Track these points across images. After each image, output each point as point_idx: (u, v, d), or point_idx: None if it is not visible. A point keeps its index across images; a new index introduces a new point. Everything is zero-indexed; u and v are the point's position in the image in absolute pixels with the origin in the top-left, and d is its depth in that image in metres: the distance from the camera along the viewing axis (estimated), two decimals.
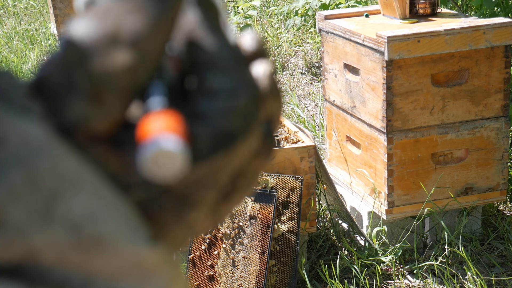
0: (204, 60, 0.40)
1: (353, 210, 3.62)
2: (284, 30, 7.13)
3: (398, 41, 3.15)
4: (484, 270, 3.35)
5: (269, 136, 0.43)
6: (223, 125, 0.39)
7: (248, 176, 0.43)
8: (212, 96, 0.39)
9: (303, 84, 6.01)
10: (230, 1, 7.77)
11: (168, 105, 0.38)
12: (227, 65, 0.40)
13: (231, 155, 0.39)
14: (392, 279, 3.32)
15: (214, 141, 0.39)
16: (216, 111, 0.39)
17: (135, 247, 0.37)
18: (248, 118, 0.40)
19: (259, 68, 0.42)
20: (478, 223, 3.56)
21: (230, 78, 0.39)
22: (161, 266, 0.38)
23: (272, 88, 0.42)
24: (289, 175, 3.09)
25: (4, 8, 9.71)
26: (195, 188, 0.40)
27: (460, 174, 3.39)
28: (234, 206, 0.44)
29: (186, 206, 0.40)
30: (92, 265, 0.37)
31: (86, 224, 0.36)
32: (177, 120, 0.38)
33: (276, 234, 3.05)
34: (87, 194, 0.36)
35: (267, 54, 0.43)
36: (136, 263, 0.37)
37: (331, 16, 3.64)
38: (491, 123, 3.36)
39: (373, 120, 3.33)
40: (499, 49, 3.29)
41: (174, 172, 0.37)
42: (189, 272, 3.00)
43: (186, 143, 0.38)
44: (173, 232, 0.41)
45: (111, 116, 0.37)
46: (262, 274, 2.96)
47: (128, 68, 0.37)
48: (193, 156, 0.39)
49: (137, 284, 0.38)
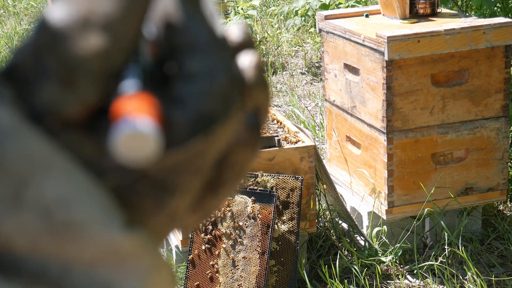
0: (182, 43, 0.39)
1: (353, 210, 3.62)
2: (284, 30, 7.13)
3: (398, 41, 3.15)
4: (484, 270, 3.35)
5: (256, 127, 0.42)
6: (201, 109, 0.38)
7: (236, 168, 0.42)
8: (190, 79, 0.38)
9: (303, 84, 6.01)
10: (230, 1, 7.77)
11: (143, 88, 0.37)
12: (205, 48, 0.39)
13: (210, 139, 0.38)
14: (392, 279, 3.32)
15: (192, 125, 0.38)
16: (194, 95, 0.38)
17: (109, 232, 0.36)
18: (227, 101, 0.39)
19: (245, 59, 0.41)
20: (478, 223, 3.56)
21: (208, 61, 0.38)
22: (139, 254, 0.37)
23: (258, 79, 0.41)
24: (289, 175, 3.09)
25: (4, 8, 9.71)
26: (174, 174, 0.39)
27: (460, 174, 3.39)
28: (222, 200, 0.43)
29: (166, 193, 0.39)
30: (67, 253, 0.36)
31: (58, 208, 0.35)
32: (150, 103, 0.37)
33: (276, 234, 3.05)
34: (58, 178, 0.35)
35: (254, 45, 0.42)
36: (112, 250, 0.36)
37: (331, 16, 3.64)
38: (491, 123, 3.36)
39: (373, 120, 3.33)
40: (499, 49, 3.29)
41: (146, 155, 0.36)
42: (189, 272, 3.00)
43: (159, 125, 0.37)
44: (154, 221, 0.39)
45: (84, 100, 0.36)
46: (262, 274, 2.96)
47: (101, 52, 0.36)
48: (170, 141, 0.38)
49: (115, 272, 0.37)
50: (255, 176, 3.07)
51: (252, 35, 0.43)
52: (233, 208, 3.03)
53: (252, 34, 0.43)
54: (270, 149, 3.13)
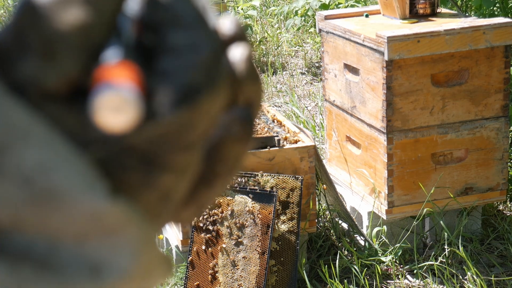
0: (165, 18, 0.39)
1: (353, 210, 3.62)
2: (284, 30, 7.14)
3: (398, 41, 3.15)
4: (484, 270, 3.35)
5: (248, 121, 0.42)
6: (185, 80, 0.38)
7: (228, 162, 0.42)
8: (173, 53, 0.38)
9: (303, 84, 6.01)
10: (230, 1, 7.77)
11: (125, 57, 0.37)
12: (189, 22, 0.39)
13: (195, 111, 0.38)
14: (392, 279, 3.32)
15: (176, 96, 0.38)
16: (177, 67, 0.38)
17: (92, 200, 0.36)
18: (212, 73, 0.38)
19: (236, 51, 0.41)
20: (478, 223, 3.56)
21: (191, 34, 0.38)
22: (126, 225, 0.37)
23: (249, 72, 0.41)
24: (289, 175, 3.09)
25: (4, 8, 9.71)
26: (161, 146, 0.38)
27: (460, 174, 3.39)
28: (217, 194, 0.43)
29: (154, 167, 0.38)
30: (51, 225, 0.35)
31: (38, 176, 0.35)
32: (132, 70, 0.37)
33: (276, 234, 3.05)
34: (39, 146, 0.35)
35: (246, 38, 0.42)
36: (97, 221, 0.36)
37: (331, 16, 3.64)
38: (491, 123, 3.36)
39: (373, 120, 3.34)
40: (499, 49, 3.29)
41: (126, 120, 0.36)
42: (189, 272, 3.00)
43: (140, 91, 0.37)
44: (144, 197, 0.39)
45: (65, 74, 0.36)
46: (262, 274, 2.96)
47: (81, 25, 0.36)
48: (153, 111, 0.37)
49: (103, 247, 0.36)
50: (255, 176, 3.07)
51: (245, 28, 0.42)
52: (233, 208, 3.03)
53: (244, 27, 0.42)
54: (270, 149, 3.13)
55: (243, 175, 3.07)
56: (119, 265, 0.37)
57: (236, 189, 3.04)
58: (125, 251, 0.37)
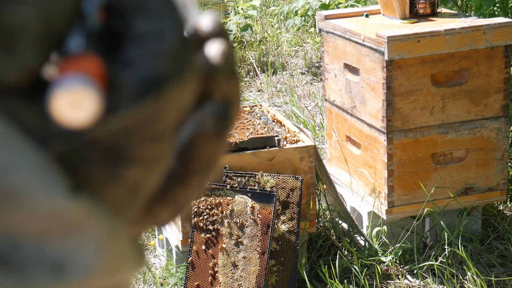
0: (131, 5, 0.38)
1: (353, 210, 3.62)
2: (284, 30, 7.13)
3: (398, 41, 3.15)
4: (484, 270, 3.35)
5: (223, 117, 0.41)
6: (150, 69, 0.37)
7: (203, 159, 0.41)
8: (139, 41, 0.37)
9: (303, 84, 6.01)
10: (230, 1, 7.77)
11: (87, 49, 0.36)
12: (155, 9, 0.38)
13: (161, 102, 0.37)
14: (392, 279, 3.32)
15: (140, 86, 0.36)
16: (143, 56, 0.37)
17: (52, 198, 0.35)
18: (178, 61, 0.37)
19: (211, 46, 0.40)
20: (478, 223, 3.56)
21: (156, 21, 0.37)
22: (89, 222, 0.36)
23: (225, 68, 0.40)
24: (289, 175, 3.09)
25: None
26: (126, 139, 0.37)
27: (460, 174, 3.39)
28: (194, 194, 0.41)
29: (120, 161, 0.37)
30: (12, 224, 0.35)
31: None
32: (93, 63, 0.36)
33: (276, 234, 3.05)
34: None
35: (226, 36, 0.41)
36: (58, 218, 0.35)
37: (331, 16, 3.64)
38: (491, 123, 3.36)
39: (373, 120, 3.33)
40: (499, 49, 3.29)
41: (85, 114, 0.35)
42: (189, 272, 3.00)
43: (100, 84, 0.36)
44: (111, 192, 0.38)
45: (24, 66, 0.35)
46: (262, 274, 2.96)
47: (40, 16, 0.35)
48: (117, 103, 0.36)
49: (66, 244, 0.36)
50: (255, 176, 3.07)
51: (225, 25, 0.41)
52: (233, 208, 3.03)
53: (225, 25, 0.42)
54: (270, 149, 3.13)
55: (243, 175, 3.07)
56: (83, 262, 0.36)
57: (236, 189, 3.04)
58: (89, 248, 0.36)
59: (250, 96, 5.70)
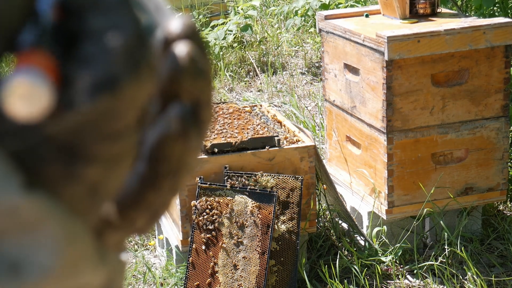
0: (85, 4, 0.37)
1: (353, 210, 3.62)
2: (284, 30, 7.13)
3: (398, 41, 3.15)
4: (484, 270, 3.35)
5: (189, 118, 0.40)
6: (105, 66, 0.36)
7: (172, 161, 0.40)
8: (94, 38, 0.37)
9: (303, 84, 6.01)
10: (230, 1, 7.76)
11: (39, 45, 0.36)
12: (107, 6, 0.37)
13: (117, 98, 0.36)
14: (392, 279, 3.32)
15: (96, 83, 0.36)
16: (98, 53, 0.36)
17: (6, 195, 0.34)
18: (134, 59, 0.37)
19: (178, 48, 0.40)
20: (478, 223, 3.56)
21: (110, 18, 0.37)
22: (45, 221, 0.35)
23: (192, 69, 0.40)
24: (289, 175, 3.09)
25: None
26: (82, 137, 0.36)
27: (460, 174, 3.39)
28: (168, 197, 0.41)
29: (77, 159, 0.36)
30: None
31: None
32: (45, 58, 0.36)
33: (276, 234, 3.05)
34: None
35: (196, 38, 0.40)
36: (13, 217, 0.34)
37: (331, 16, 3.64)
38: (491, 123, 3.36)
39: (373, 120, 3.33)
40: (499, 49, 3.29)
41: (37, 108, 0.34)
42: (189, 272, 3.00)
43: (52, 79, 0.35)
44: (68, 190, 0.37)
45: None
46: (262, 274, 2.96)
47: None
48: (71, 100, 0.36)
49: (23, 244, 0.35)
50: (255, 176, 3.07)
51: (197, 28, 0.41)
52: (233, 208, 3.03)
53: (198, 27, 0.41)
54: (270, 149, 3.13)
55: (243, 175, 3.07)
56: (40, 262, 0.35)
57: (236, 189, 3.04)
58: (46, 248, 0.35)
59: (250, 96, 5.70)
